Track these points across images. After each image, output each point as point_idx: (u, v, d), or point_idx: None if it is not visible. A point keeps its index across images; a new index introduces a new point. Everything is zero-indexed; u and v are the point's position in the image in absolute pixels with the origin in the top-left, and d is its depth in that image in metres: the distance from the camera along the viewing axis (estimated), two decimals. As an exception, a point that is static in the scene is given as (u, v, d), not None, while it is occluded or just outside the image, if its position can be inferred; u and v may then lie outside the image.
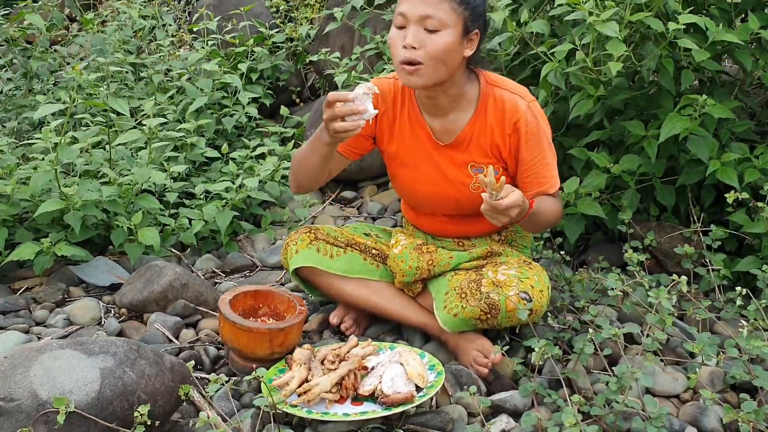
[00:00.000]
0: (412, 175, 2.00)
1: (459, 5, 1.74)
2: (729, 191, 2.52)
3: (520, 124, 1.85)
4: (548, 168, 1.90)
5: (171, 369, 1.52)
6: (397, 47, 1.76)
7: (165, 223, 2.59)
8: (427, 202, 2.03)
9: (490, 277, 1.84)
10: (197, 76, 3.31)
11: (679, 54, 2.23)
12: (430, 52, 1.73)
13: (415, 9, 1.73)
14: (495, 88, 1.89)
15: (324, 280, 2.02)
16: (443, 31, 1.73)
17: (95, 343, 1.48)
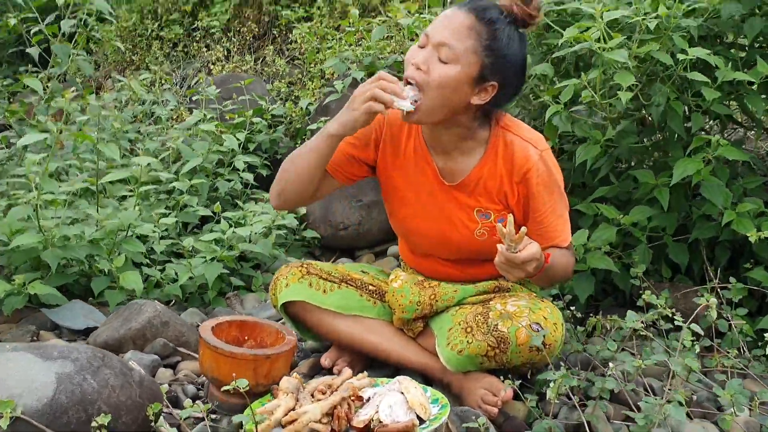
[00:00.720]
0: (413, 212, 1.86)
1: (484, 49, 1.63)
2: (745, 248, 2.42)
3: (531, 175, 1.73)
4: (560, 221, 1.79)
5: (140, 383, 1.34)
6: (408, 63, 1.68)
7: (150, 274, 2.44)
8: (426, 242, 1.88)
9: (499, 309, 1.68)
10: (194, 138, 3.26)
11: (688, 98, 2.18)
12: (432, 80, 1.62)
13: (438, 33, 1.64)
14: (507, 133, 1.76)
15: (315, 317, 1.86)
16: (452, 65, 1.62)
17: (55, 347, 1.31)
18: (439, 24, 1.65)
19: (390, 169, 1.87)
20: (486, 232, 1.79)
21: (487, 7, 1.65)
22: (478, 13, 1.63)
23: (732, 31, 2.29)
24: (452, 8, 1.67)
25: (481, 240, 1.79)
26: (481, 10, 1.64)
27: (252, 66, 4.58)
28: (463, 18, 1.63)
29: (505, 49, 1.64)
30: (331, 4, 4.47)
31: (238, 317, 1.77)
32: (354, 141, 1.84)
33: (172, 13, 4.97)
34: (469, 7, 1.64)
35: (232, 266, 2.74)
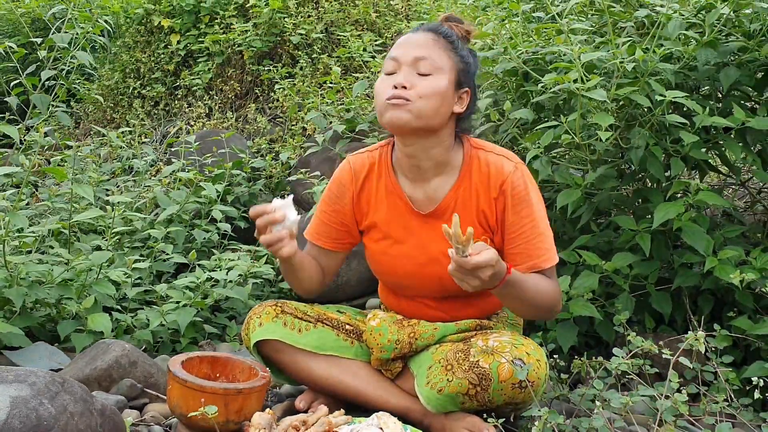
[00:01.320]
0: (390, 251, 1.82)
1: (453, 53, 1.72)
2: (728, 297, 2.39)
3: (506, 186, 1.71)
4: (541, 238, 1.71)
5: (101, 413, 1.26)
6: (385, 89, 1.67)
7: (120, 319, 2.36)
8: (407, 282, 1.83)
9: (480, 345, 1.62)
10: (171, 188, 3.22)
11: (667, 143, 2.19)
12: (420, 91, 1.65)
13: (409, 52, 1.69)
14: (480, 151, 1.78)
15: (290, 357, 1.78)
16: (436, 75, 1.67)
17: (11, 371, 1.23)
18: (405, 46, 1.71)
19: (365, 213, 1.86)
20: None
21: (437, 26, 1.75)
22: (434, 31, 1.73)
23: (708, 82, 2.33)
24: (405, 35, 1.75)
25: None
26: (434, 29, 1.73)
27: (233, 123, 4.59)
28: (424, 36, 1.71)
29: (467, 56, 1.74)
30: (314, 64, 4.53)
31: (209, 353, 1.70)
32: (329, 207, 1.88)
33: (154, 72, 5.00)
34: (423, 30, 1.74)
35: (207, 315, 2.67)
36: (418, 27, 1.77)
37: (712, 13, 2.10)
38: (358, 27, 4.66)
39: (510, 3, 2.50)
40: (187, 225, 3.18)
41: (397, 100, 1.64)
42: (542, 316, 1.75)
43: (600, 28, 2.37)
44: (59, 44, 3.51)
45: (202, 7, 4.85)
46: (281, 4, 4.58)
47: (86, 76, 5.34)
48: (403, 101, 1.64)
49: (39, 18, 5.15)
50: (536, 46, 2.35)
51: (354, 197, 1.85)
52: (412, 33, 1.75)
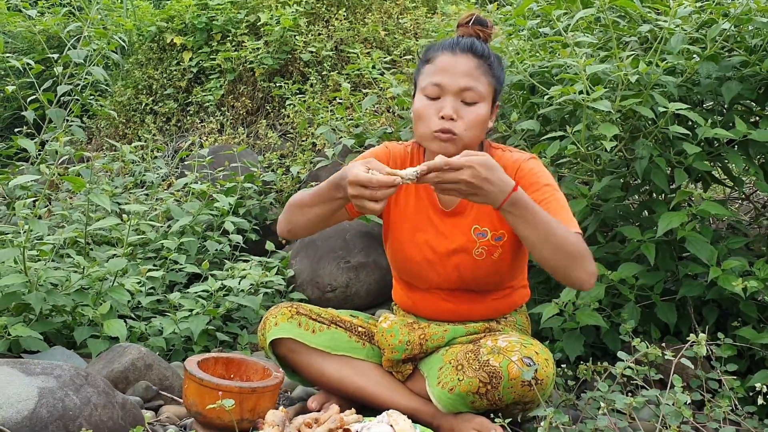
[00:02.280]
0: (412, 239, 1.88)
1: (492, 79, 1.79)
2: (732, 308, 2.42)
3: (521, 171, 1.79)
4: (561, 207, 1.73)
5: (123, 406, 1.31)
6: (431, 117, 1.74)
7: (134, 326, 2.41)
8: (424, 271, 1.88)
9: (490, 345, 1.67)
10: (185, 197, 3.28)
11: (670, 155, 2.24)
12: (468, 122, 1.73)
13: (456, 81, 1.74)
14: (497, 150, 1.88)
15: (304, 357, 1.83)
16: (480, 104, 1.76)
17: (38, 364, 1.28)
18: (450, 74, 1.74)
19: (393, 201, 1.91)
20: (484, 252, 1.82)
21: (473, 43, 1.78)
22: (474, 52, 1.77)
23: (711, 96, 2.38)
24: (447, 58, 1.77)
25: (480, 260, 1.81)
26: (472, 48, 1.77)
27: (244, 139, 4.66)
28: (467, 61, 1.76)
29: (500, 75, 1.82)
30: (324, 81, 4.60)
31: (224, 354, 1.74)
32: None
33: (166, 89, 5.09)
34: (462, 49, 1.77)
35: (218, 324, 2.71)
36: (452, 45, 1.78)
37: (714, 29, 2.15)
38: (367, 45, 4.74)
39: (517, 19, 2.56)
40: (200, 236, 3.24)
41: (446, 135, 1.72)
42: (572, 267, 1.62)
43: (605, 42, 2.43)
44: (75, 60, 3.60)
45: (214, 25, 4.94)
46: (292, 22, 4.67)
47: (100, 92, 5.43)
48: (451, 135, 1.73)
49: (54, 35, 5.25)
50: (542, 60, 2.41)
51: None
52: (451, 55, 1.76)
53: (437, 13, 5.00)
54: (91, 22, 3.71)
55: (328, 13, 4.89)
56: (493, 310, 1.91)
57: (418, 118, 1.76)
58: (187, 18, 4.98)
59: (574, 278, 1.61)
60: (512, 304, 1.95)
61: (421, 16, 4.88)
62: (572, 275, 1.62)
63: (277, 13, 4.75)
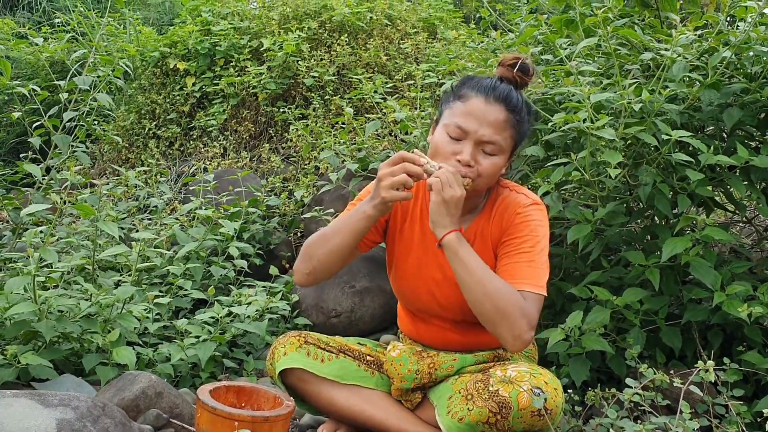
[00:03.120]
0: (415, 274, 1.90)
1: (517, 134, 1.81)
2: (737, 332, 2.44)
3: (519, 214, 1.81)
4: (528, 263, 1.74)
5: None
6: (448, 157, 1.75)
7: (141, 353, 2.41)
8: (429, 304, 1.90)
9: (499, 375, 1.68)
10: (189, 226, 3.30)
11: (674, 181, 2.26)
12: (483, 172, 1.75)
13: (480, 131, 1.75)
14: (505, 189, 1.88)
15: (313, 387, 1.84)
16: (498, 156, 1.77)
17: (55, 396, 1.29)
18: (477, 120, 1.75)
19: (398, 228, 1.94)
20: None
21: (509, 95, 1.78)
22: (507, 104, 1.77)
23: (712, 122, 2.41)
24: (479, 101, 1.77)
25: None
26: (508, 101, 1.77)
27: (247, 163, 4.69)
28: (498, 113, 1.76)
29: (526, 129, 1.83)
30: (327, 105, 4.64)
31: (235, 383, 1.75)
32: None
33: (169, 113, 5.12)
34: (496, 98, 1.77)
35: (225, 350, 2.72)
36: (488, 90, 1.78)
37: (715, 57, 2.19)
38: (369, 69, 4.78)
39: (519, 47, 2.60)
40: (204, 261, 3.25)
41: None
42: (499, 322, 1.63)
43: (607, 70, 2.46)
44: (81, 86, 3.64)
45: (217, 50, 4.99)
46: (295, 48, 4.72)
47: (104, 116, 5.47)
48: (467, 181, 1.74)
49: (58, 60, 5.29)
50: (545, 87, 2.44)
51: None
52: (485, 102, 1.76)
53: (438, 39, 5.06)
54: (97, 49, 3.75)
55: (330, 39, 4.95)
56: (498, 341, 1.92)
57: (435, 151, 1.77)
58: (191, 43, 5.03)
59: (499, 333, 1.65)
60: None
61: (422, 41, 4.93)
62: (497, 330, 1.65)
63: (279, 38, 4.80)
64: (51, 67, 5.32)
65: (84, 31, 5.69)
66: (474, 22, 5.06)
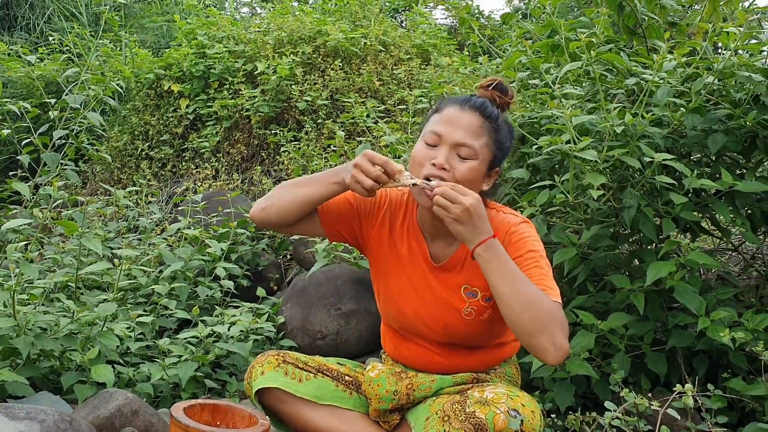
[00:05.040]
0: (403, 291, 1.87)
1: (494, 143, 1.78)
2: (722, 359, 2.42)
3: (510, 233, 1.77)
4: (543, 274, 1.70)
5: (105, 453, 1.29)
6: (424, 164, 1.74)
7: (122, 371, 2.39)
8: (413, 323, 1.87)
9: (476, 396, 1.66)
10: (177, 242, 3.29)
11: (658, 205, 2.27)
12: (459, 177, 1.72)
13: (454, 134, 1.74)
14: (492, 210, 1.85)
15: (290, 407, 1.81)
16: (474, 161, 1.74)
17: (22, 409, 1.27)
18: (452, 125, 1.75)
19: (385, 245, 1.90)
20: (473, 311, 1.80)
21: (484, 104, 1.79)
22: (482, 112, 1.77)
23: (697, 148, 2.42)
24: (454, 108, 1.78)
25: (469, 320, 1.80)
26: (483, 108, 1.77)
27: (239, 185, 4.69)
28: (472, 118, 1.76)
29: (505, 140, 1.81)
30: (319, 128, 4.66)
31: (211, 401, 1.73)
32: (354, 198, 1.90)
33: (162, 135, 5.14)
34: (471, 106, 1.77)
35: (207, 371, 2.69)
36: (464, 100, 1.80)
37: (698, 82, 2.21)
38: (362, 94, 4.81)
39: (506, 71, 2.62)
40: (191, 282, 3.23)
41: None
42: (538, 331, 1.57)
43: (593, 95, 2.48)
44: (72, 105, 3.64)
45: (211, 73, 5.02)
46: (288, 72, 4.74)
47: (96, 137, 5.48)
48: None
49: (53, 81, 5.31)
50: (532, 111, 2.45)
51: (379, 209, 1.91)
52: (459, 109, 1.77)
53: (431, 65, 5.10)
54: (89, 68, 3.77)
55: (324, 63, 4.98)
56: (483, 364, 1.90)
57: (413, 162, 1.77)
58: (185, 66, 5.06)
59: (538, 344, 1.58)
60: (502, 357, 1.94)
61: (415, 67, 4.97)
62: (536, 340, 1.58)
63: (273, 62, 4.83)
64: (46, 87, 5.34)
65: (80, 53, 5.72)
66: (467, 49, 5.10)
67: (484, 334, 1.84)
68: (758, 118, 2.25)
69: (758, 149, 2.36)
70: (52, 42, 5.48)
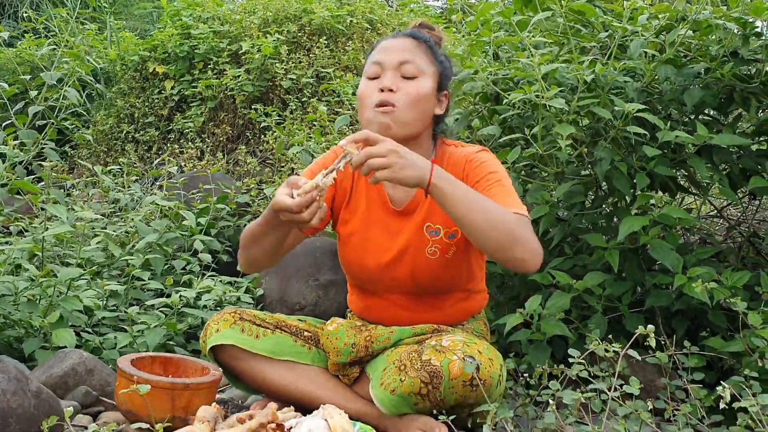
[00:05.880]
0: (363, 246, 1.83)
1: (436, 61, 1.78)
2: (702, 319, 2.37)
3: (470, 162, 1.76)
4: (505, 190, 1.67)
5: (36, 395, 1.25)
6: (372, 94, 1.71)
7: (88, 339, 2.34)
8: (378, 276, 1.83)
9: (432, 344, 1.61)
10: (152, 216, 3.24)
11: (633, 160, 2.21)
12: (407, 95, 1.69)
13: (392, 56, 1.73)
14: (451, 147, 1.84)
15: (246, 364, 1.76)
16: (420, 78, 1.73)
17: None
18: (389, 50, 1.74)
19: (345, 206, 1.88)
20: (437, 250, 1.77)
21: (414, 31, 1.79)
22: (414, 36, 1.77)
23: (674, 105, 2.36)
24: (386, 41, 1.78)
25: (433, 259, 1.77)
26: (414, 34, 1.78)
27: (223, 165, 4.65)
28: (405, 41, 1.76)
29: (445, 60, 1.80)
30: (304, 107, 4.61)
31: (162, 354, 1.68)
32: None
33: (148, 117, 5.10)
34: (402, 36, 1.78)
35: (181, 341, 2.64)
36: (396, 33, 1.83)
37: (672, 33, 2.15)
38: (348, 72, 4.76)
39: (482, 30, 2.56)
40: (170, 257, 3.18)
41: (385, 108, 1.68)
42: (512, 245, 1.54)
43: (568, 52, 2.42)
44: (48, 82, 3.59)
45: (196, 53, 4.97)
46: (273, 50, 4.69)
47: (83, 122, 5.43)
48: (391, 108, 1.69)
49: (37, 66, 5.27)
50: (505, 69, 2.39)
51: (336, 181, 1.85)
52: (392, 39, 1.79)
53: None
54: (66, 44, 3.72)
55: (310, 42, 4.93)
56: (451, 317, 1.85)
57: (360, 101, 1.74)
58: (170, 47, 5.02)
59: (513, 257, 1.54)
60: (470, 309, 1.89)
61: (402, 44, 4.90)
62: (510, 253, 1.54)
63: (258, 41, 4.78)
64: (31, 72, 5.30)
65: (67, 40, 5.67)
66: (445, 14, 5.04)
67: (450, 275, 1.80)
68: (735, 69, 2.20)
69: (735, 103, 2.30)
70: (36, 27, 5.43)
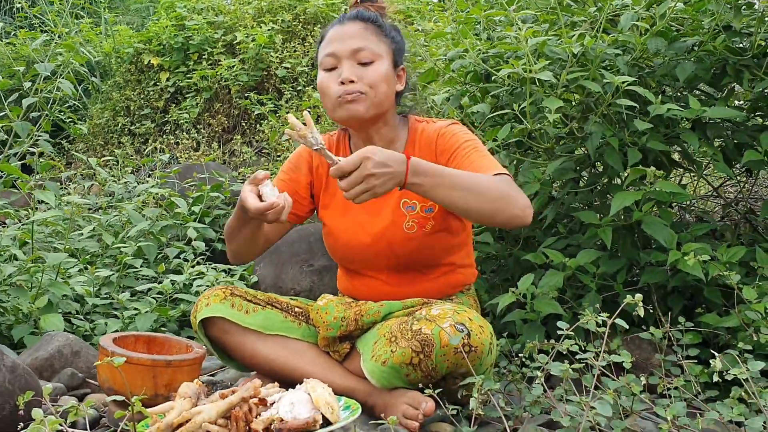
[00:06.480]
0: (345, 227, 1.85)
1: (385, 37, 1.79)
2: (698, 297, 2.34)
3: (440, 138, 1.78)
4: (481, 156, 1.70)
5: (12, 370, 1.23)
6: (332, 87, 1.74)
7: (78, 324, 2.33)
8: (361, 255, 1.84)
9: (422, 314, 1.60)
10: (145, 205, 3.23)
11: (625, 135, 2.18)
12: (369, 81, 1.72)
13: (345, 45, 1.74)
14: (422, 123, 1.86)
15: (236, 338, 1.75)
16: (377, 62, 1.75)
17: None
18: (339, 40, 1.75)
19: (323, 193, 1.91)
20: (415, 225, 1.78)
21: (358, 12, 1.80)
22: (360, 17, 1.78)
23: (667, 80, 2.33)
24: (334, 28, 1.79)
25: (412, 233, 1.78)
26: (359, 15, 1.79)
27: (219, 155, 4.63)
28: (353, 26, 1.77)
29: (395, 36, 1.82)
30: (299, 96, 4.59)
31: (145, 333, 1.66)
32: (287, 176, 1.91)
33: (144, 109, 5.08)
34: (348, 18, 1.79)
35: (174, 327, 2.63)
36: (340, 18, 1.82)
37: (662, 5, 2.12)
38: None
39: (472, 9, 2.53)
40: (164, 246, 3.17)
41: (351, 95, 1.70)
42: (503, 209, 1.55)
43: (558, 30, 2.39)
44: (42, 73, 3.57)
45: (190, 44, 4.96)
46: (267, 39, 4.67)
47: (79, 117, 5.42)
48: (358, 95, 1.71)
49: (34, 61, 5.26)
50: (494, 47, 2.37)
51: (312, 169, 1.91)
52: (339, 26, 1.79)
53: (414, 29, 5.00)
54: (60, 35, 3.70)
55: (305, 31, 4.91)
56: (436, 291, 1.84)
57: (322, 93, 1.76)
58: (164, 38, 5.00)
59: (504, 218, 1.56)
60: (456, 283, 1.88)
61: (397, 31, 4.88)
62: (501, 216, 1.56)
63: (253, 31, 4.76)
64: (27, 66, 5.28)
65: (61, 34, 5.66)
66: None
67: (430, 249, 1.80)
68: (727, 42, 2.17)
69: (728, 76, 2.26)
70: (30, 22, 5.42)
